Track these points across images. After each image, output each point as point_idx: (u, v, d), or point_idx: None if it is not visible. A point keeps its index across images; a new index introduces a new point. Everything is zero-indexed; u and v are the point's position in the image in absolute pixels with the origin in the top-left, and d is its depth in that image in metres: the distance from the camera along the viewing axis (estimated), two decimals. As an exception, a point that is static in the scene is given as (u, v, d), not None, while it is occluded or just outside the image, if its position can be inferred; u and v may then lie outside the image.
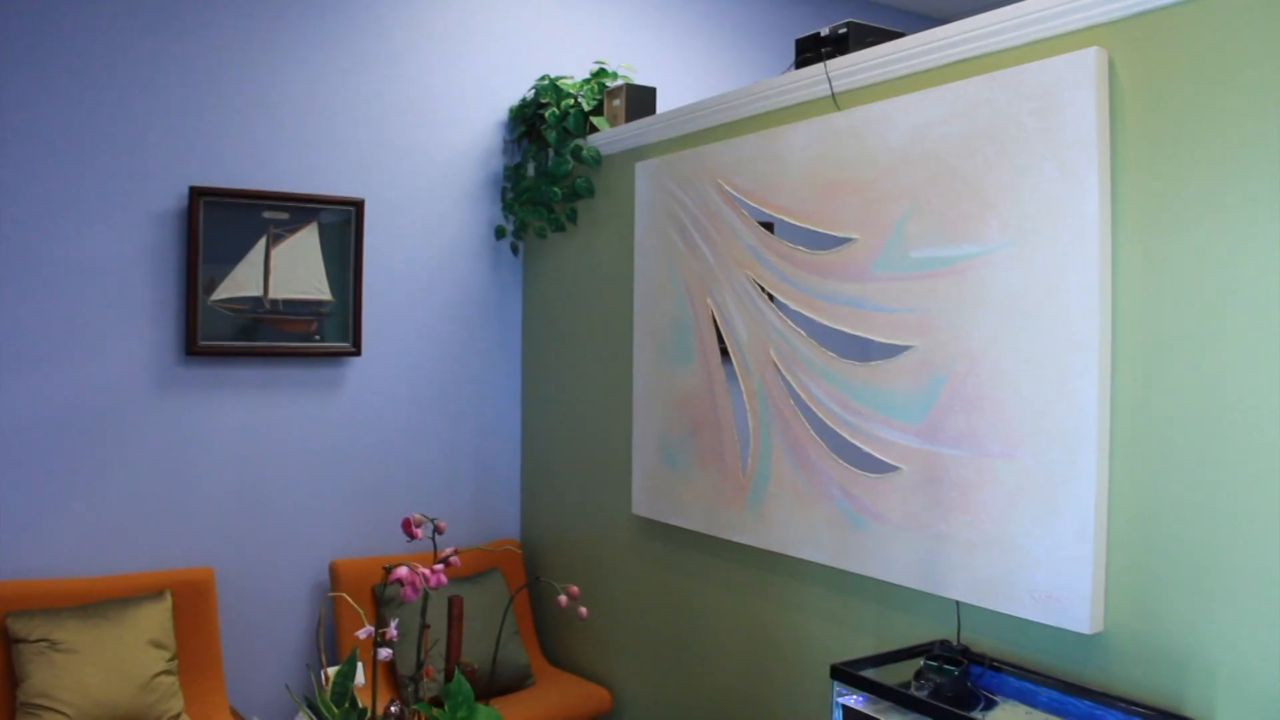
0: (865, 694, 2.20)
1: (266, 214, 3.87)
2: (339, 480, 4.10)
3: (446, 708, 2.47)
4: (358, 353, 4.06)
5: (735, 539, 3.21)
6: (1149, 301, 2.15)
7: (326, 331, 4.01)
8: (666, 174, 3.50)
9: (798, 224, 2.97)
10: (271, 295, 3.88)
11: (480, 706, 2.50)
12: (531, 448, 4.50)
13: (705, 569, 3.46)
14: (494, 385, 4.49)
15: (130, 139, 3.61)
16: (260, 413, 3.92)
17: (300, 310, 3.95)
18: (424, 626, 2.61)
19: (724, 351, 3.26)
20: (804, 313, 2.93)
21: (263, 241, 3.87)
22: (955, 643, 2.41)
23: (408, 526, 2.56)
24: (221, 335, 3.80)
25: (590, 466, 4.08)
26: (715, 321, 3.29)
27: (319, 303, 3.98)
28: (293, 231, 3.92)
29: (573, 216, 4.14)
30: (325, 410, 4.06)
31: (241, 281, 3.83)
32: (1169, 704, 2.11)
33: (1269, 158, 1.96)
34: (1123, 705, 2.08)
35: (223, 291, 3.79)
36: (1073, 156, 2.24)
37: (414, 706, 2.53)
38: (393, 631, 2.48)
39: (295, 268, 3.92)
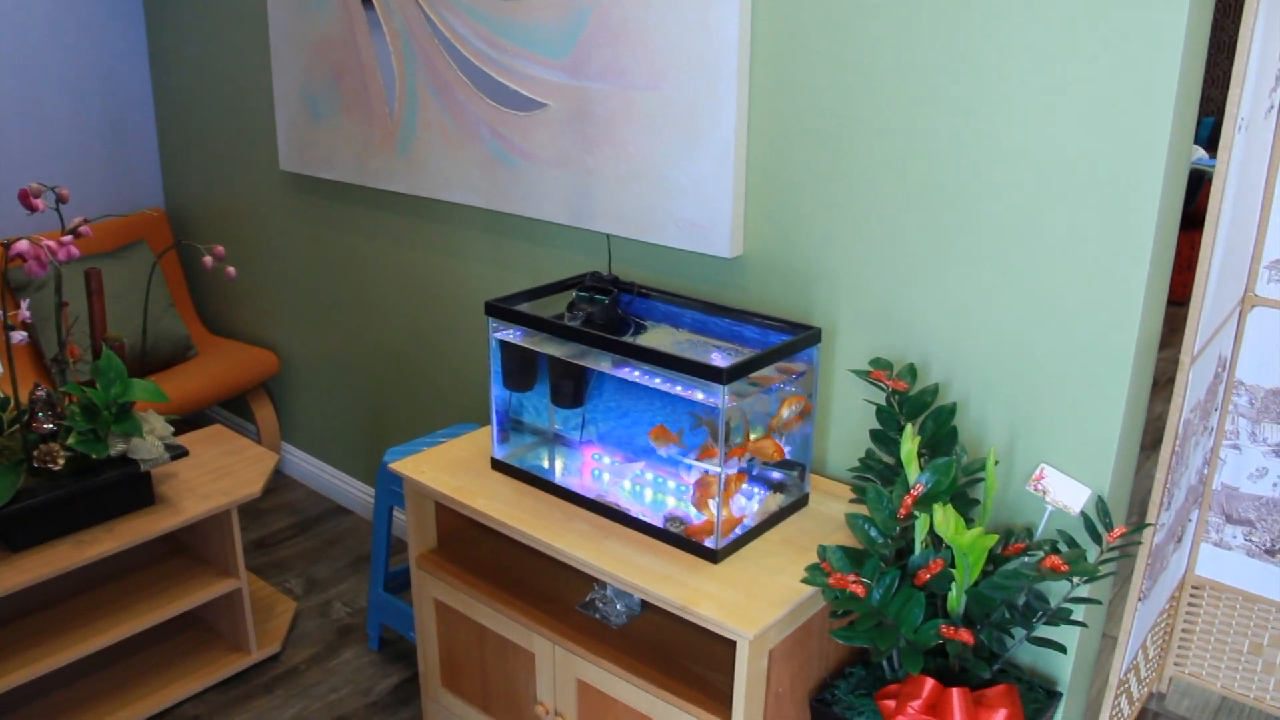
0: (521, 328, 2.28)
1: None
2: (-57, 155, 3.70)
3: (99, 385, 2.39)
4: (-60, 8, 3.57)
5: (387, 187, 3.15)
6: (779, -75, 2.16)
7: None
8: None
9: None
10: None
11: (136, 380, 2.43)
12: (167, 108, 4.17)
13: (360, 221, 3.40)
14: (115, 40, 4.06)
15: None
16: None
17: None
18: (61, 304, 2.47)
19: (361, -9, 3.07)
20: (441, -54, 2.78)
21: None
22: (606, 274, 2.51)
23: (25, 199, 2.37)
24: None
25: (232, 124, 3.84)
26: (349, -42, 3.07)
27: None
28: None
29: None
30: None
31: None
32: (800, 316, 2.31)
33: None
34: (759, 320, 2.25)
35: None
36: None
37: (63, 389, 2.43)
38: (24, 313, 2.33)
39: None
